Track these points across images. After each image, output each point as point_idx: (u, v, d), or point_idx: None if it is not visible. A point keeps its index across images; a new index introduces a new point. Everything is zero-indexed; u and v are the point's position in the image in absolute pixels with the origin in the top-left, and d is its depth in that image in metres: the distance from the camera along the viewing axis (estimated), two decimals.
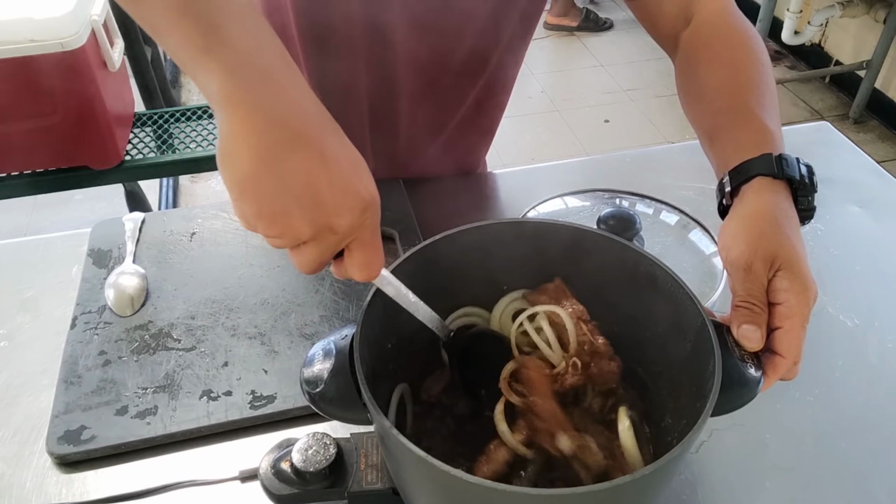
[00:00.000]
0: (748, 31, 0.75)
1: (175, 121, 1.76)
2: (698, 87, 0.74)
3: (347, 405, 0.49)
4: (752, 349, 0.53)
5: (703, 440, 0.68)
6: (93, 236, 0.89)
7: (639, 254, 0.57)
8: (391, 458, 0.52)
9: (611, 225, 0.64)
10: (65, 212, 2.44)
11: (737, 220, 0.60)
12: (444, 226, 0.59)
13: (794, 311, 0.54)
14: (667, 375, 0.58)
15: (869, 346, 0.78)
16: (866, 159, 1.06)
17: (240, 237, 0.89)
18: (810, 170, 0.62)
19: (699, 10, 0.78)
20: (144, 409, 0.69)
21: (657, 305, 0.57)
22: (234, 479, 0.65)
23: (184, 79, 3.14)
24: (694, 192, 0.95)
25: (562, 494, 0.45)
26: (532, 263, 0.62)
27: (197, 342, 0.76)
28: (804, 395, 0.72)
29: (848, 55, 3.06)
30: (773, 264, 0.56)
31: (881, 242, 0.91)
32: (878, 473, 0.66)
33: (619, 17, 3.65)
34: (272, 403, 0.70)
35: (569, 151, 2.82)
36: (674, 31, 0.79)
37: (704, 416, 0.46)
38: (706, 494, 0.65)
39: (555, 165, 1.09)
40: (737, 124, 0.67)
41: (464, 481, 0.42)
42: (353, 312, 0.79)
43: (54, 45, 1.34)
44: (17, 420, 0.70)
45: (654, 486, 0.49)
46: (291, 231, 0.43)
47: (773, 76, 0.72)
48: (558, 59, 3.42)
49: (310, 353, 0.52)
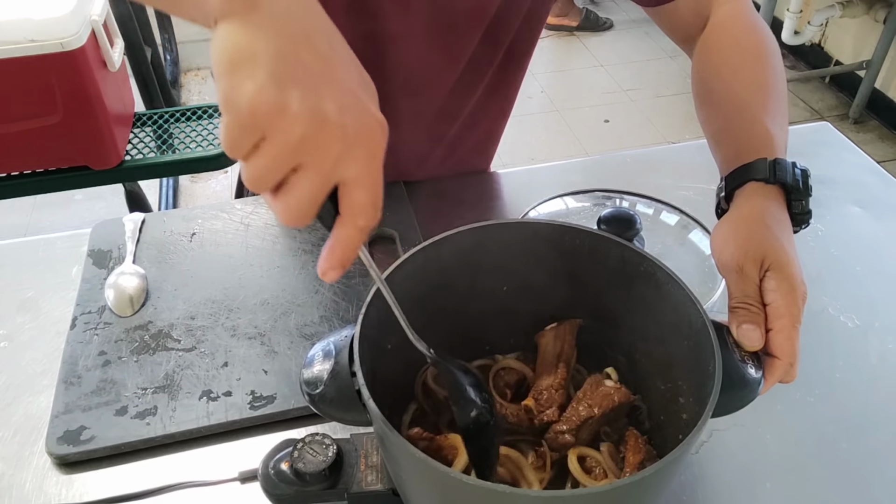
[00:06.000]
0: (760, 32, 0.75)
1: (175, 121, 1.76)
2: (707, 90, 0.74)
3: (347, 406, 0.49)
4: (753, 348, 0.54)
5: (704, 441, 0.68)
6: (93, 236, 0.89)
7: (639, 254, 0.57)
8: (391, 459, 0.52)
9: (611, 225, 0.64)
10: (65, 212, 2.44)
11: (727, 224, 0.61)
12: (444, 226, 0.59)
13: (782, 311, 0.54)
14: (667, 376, 0.58)
15: (869, 346, 0.77)
16: (866, 159, 1.06)
17: (240, 237, 0.89)
18: (805, 174, 0.63)
19: (714, 11, 0.78)
20: (144, 409, 0.69)
21: (657, 306, 0.57)
22: (234, 479, 0.64)
23: (184, 79, 3.14)
24: (694, 193, 0.95)
25: (562, 495, 0.45)
26: (532, 264, 0.61)
27: (197, 342, 0.76)
28: (805, 396, 0.72)
29: (848, 55, 3.06)
30: (762, 265, 0.56)
31: (881, 243, 0.91)
32: (879, 474, 0.66)
33: (619, 18, 3.65)
34: (272, 404, 0.70)
35: (569, 151, 2.82)
36: (691, 34, 0.80)
37: (705, 417, 0.46)
38: (706, 495, 0.64)
39: (555, 165, 1.09)
40: (739, 128, 0.68)
41: (463, 483, 0.42)
42: (353, 313, 0.79)
43: (54, 45, 1.34)
44: (17, 420, 0.70)
45: (655, 487, 0.49)
46: (287, 123, 0.36)
47: (783, 77, 0.72)
48: (558, 59, 3.42)
49: (309, 354, 0.52)
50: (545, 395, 0.59)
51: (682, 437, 0.46)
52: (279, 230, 0.90)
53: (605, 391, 0.59)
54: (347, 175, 0.38)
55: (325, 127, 0.36)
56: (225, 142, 0.36)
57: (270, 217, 0.92)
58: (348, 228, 0.39)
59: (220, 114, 0.37)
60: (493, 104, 0.96)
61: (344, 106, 0.37)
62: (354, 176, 0.38)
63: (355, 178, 0.38)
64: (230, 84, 0.36)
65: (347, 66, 0.40)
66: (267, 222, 0.92)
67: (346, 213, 0.39)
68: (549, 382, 0.60)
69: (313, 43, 0.38)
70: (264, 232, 0.90)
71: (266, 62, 0.36)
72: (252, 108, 0.35)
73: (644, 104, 3.08)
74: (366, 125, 0.38)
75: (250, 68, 0.36)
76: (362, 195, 0.38)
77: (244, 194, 1.10)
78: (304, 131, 0.36)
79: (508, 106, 1.00)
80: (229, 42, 0.37)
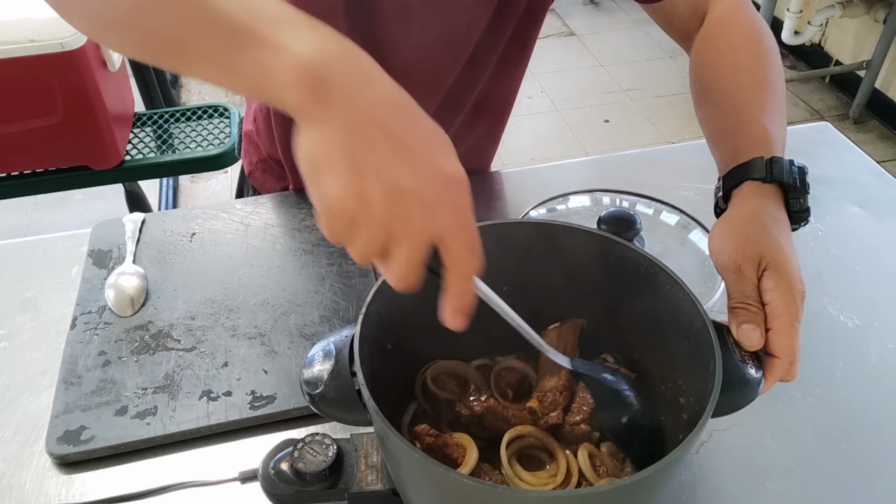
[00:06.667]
0: (758, 30, 0.75)
1: (175, 121, 1.76)
2: (705, 88, 0.74)
3: (347, 406, 0.49)
4: (753, 348, 0.54)
5: (704, 441, 0.68)
6: (93, 236, 0.89)
7: (639, 254, 0.57)
8: (391, 459, 0.52)
9: (611, 225, 0.64)
10: (65, 212, 2.44)
11: (724, 224, 0.61)
12: None
13: (780, 311, 0.54)
14: (667, 376, 0.58)
15: (869, 346, 0.77)
16: (866, 159, 1.06)
17: (240, 237, 0.89)
18: (802, 172, 0.62)
19: (712, 9, 0.78)
20: (144, 409, 0.69)
21: (657, 306, 0.57)
22: (234, 479, 0.64)
23: (184, 79, 3.14)
24: (694, 193, 0.95)
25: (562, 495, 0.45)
26: (532, 264, 0.61)
27: (197, 342, 0.76)
28: (805, 396, 0.72)
29: (848, 55, 3.06)
30: (760, 265, 0.56)
31: (881, 242, 0.91)
32: (879, 474, 0.66)
33: (619, 18, 3.65)
34: (272, 404, 0.70)
35: (569, 151, 2.82)
36: (689, 31, 0.80)
37: (705, 417, 0.46)
38: (707, 495, 0.64)
39: (555, 165, 1.09)
40: (736, 127, 0.68)
41: (463, 482, 0.42)
42: (353, 313, 0.79)
43: (54, 45, 1.34)
44: (17, 420, 0.70)
45: (655, 487, 0.49)
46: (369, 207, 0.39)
47: (781, 75, 0.72)
48: (558, 59, 3.42)
49: (310, 354, 0.52)
50: (549, 398, 0.59)
51: (682, 437, 0.46)
52: (279, 230, 0.90)
53: None
54: (439, 233, 0.41)
55: (403, 200, 0.40)
56: (326, 234, 0.41)
57: (270, 217, 0.92)
58: (455, 278, 0.42)
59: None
60: (493, 104, 0.96)
61: (417, 173, 0.40)
62: (445, 231, 0.41)
63: (447, 232, 0.41)
64: (316, 186, 0.40)
65: (416, 130, 0.42)
66: (267, 222, 0.92)
67: (449, 266, 0.42)
68: (553, 384, 0.60)
69: (380, 121, 0.40)
70: (264, 232, 0.90)
71: (340, 158, 0.39)
72: (339, 204, 0.39)
73: (644, 104, 3.08)
74: (443, 184, 0.41)
75: (328, 167, 0.39)
76: (458, 246, 0.41)
77: (244, 194, 1.10)
78: (384, 210, 0.39)
79: (508, 106, 0.99)
80: (307, 145, 0.40)
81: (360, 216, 0.40)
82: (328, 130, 0.40)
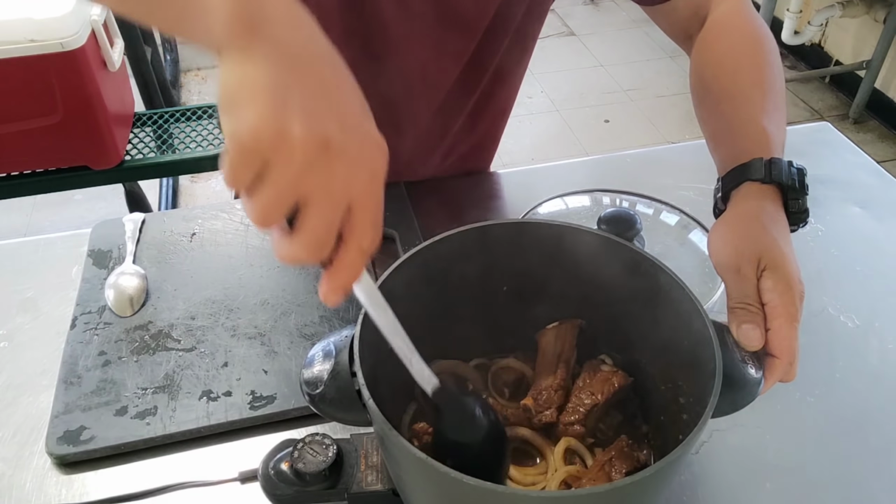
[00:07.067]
0: (758, 32, 0.75)
1: (175, 121, 1.76)
2: (705, 89, 0.74)
3: (347, 406, 0.49)
4: (753, 348, 0.54)
5: (704, 441, 0.68)
6: (93, 237, 0.89)
7: (639, 254, 0.57)
8: (391, 459, 0.52)
9: (611, 225, 0.64)
10: (65, 212, 2.44)
11: (723, 225, 0.62)
12: (444, 226, 0.59)
13: (779, 310, 0.54)
14: (667, 376, 0.58)
15: (869, 346, 0.77)
16: (866, 159, 1.06)
17: (240, 237, 0.89)
18: (801, 173, 0.63)
19: (712, 10, 0.78)
20: (144, 409, 0.69)
21: (657, 306, 0.57)
22: (234, 479, 0.64)
23: (184, 79, 3.14)
24: (694, 193, 0.95)
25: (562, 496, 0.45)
26: (532, 264, 0.61)
27: (197, 342, 0.76)
28: (805, 396, 0.72)
29: (848, 55, 3.06)
30: (759, 264, 0.56)
31: (881, 243, 0.91)
32: (879, 474, 0.66)
33: (619, 18, 3.65)
34: (272, 404, 0.70)
35: (569, 151, 2.82)
36: (689, 33, 0.80)
37: (705, 417, 0.46)
38: (707, 495, 0.64)
39: (555, 165, 1.09)
40: (735, 128, 0.68)
41: (463, 483, 0.42)
42: (353, 313, 0.79)
43: (54, 45, 1.34)
44: (16, 420, 0.70)
45: (655, 487, 0.49)
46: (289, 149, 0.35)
47: (781, 76, 0.72)
48: (558, 59, 3.42)
49: (309, 354, 0.52)
50: (544, 396, 0.60)
51: (682, 438, 0.46)
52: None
53: (604, 376, 0.60)
54: (352, 197, 0.37)
55: (329, 150, 0.35)
56: (227, 173, 0.35)
57: None
58: (351, 251, 0.38)
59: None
60: (493, 104, 0.96)
61: (345, 128, 0.37)
62: (356, 197, 0.37)
63: (357, 199, 0.37)
64: (232, 115, 0.35)
65: (348, 90, 0.40)
66: None
67: (348, 236, 0.38)
68: (548, 383, 0.60)
69: (314, 69, 0.38)
70: (264, 232, 0.90)
71: (267, 91, 0.35)
72: (254, 136, 0.34)
73: (644, 104, 3.08)
74: (367, 146, 0.38)
75: (251, 98, 0.35)
76: (364, 216, 0.38)
77: None
78: (307, 156, 0.35)
79: (508, 106, 0.99)
80: (231, 75, 0.36)
81: (275, 156, 0.35)
82: (258, 62, 0.36)
